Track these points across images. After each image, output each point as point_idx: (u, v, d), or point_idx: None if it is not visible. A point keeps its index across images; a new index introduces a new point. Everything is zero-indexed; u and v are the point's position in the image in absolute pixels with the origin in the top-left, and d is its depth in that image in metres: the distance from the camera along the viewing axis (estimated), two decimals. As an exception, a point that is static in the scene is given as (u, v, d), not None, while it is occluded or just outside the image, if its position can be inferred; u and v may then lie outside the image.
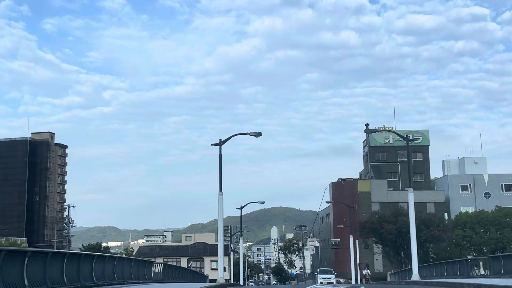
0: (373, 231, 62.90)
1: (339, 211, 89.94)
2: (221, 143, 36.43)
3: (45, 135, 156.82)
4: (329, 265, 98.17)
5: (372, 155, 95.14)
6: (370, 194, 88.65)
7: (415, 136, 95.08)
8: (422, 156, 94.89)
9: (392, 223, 60.90)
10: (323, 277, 57.64)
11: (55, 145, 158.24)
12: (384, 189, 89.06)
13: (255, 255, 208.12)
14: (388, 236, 60.54)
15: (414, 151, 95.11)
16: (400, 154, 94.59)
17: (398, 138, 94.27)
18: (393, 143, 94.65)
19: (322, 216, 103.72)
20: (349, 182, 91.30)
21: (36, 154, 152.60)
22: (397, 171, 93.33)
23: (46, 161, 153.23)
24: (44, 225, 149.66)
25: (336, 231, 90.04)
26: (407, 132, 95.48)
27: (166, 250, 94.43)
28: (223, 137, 36.84)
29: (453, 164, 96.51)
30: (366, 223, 64.64)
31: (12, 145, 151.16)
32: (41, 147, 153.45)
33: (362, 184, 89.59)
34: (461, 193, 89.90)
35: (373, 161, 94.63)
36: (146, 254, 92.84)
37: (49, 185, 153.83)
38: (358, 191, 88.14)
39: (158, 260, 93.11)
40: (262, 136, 36.89)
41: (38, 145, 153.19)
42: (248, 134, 37.26)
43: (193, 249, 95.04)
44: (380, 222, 61.83)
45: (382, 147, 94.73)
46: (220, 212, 35.56)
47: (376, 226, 61.99)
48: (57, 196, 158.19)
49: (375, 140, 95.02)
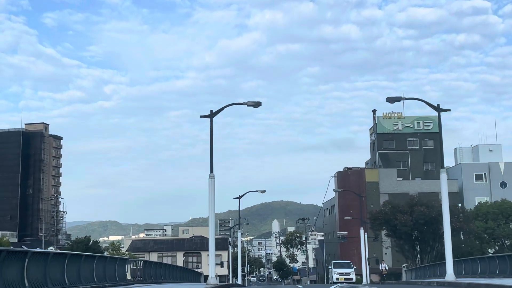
0: (386, 222, 55.87)
1: (345, 202, 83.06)
2: (212, 114, 29.56)
3: (39, 126, 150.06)
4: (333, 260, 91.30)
5: (380, 143, 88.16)
6: (378, 184, 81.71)
7: (426, 122, 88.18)
8: (434, 144, 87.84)
9: (408, 213, 53.92)
10: (340, 271, 44.27)
11: (49, 136, 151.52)
12: (393, 179, 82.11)
13: (255, 249, 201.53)
14: (403, 228, 53.51)
15: (425, 138, 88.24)
16: (410, 142, 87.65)
17: (408, 125, 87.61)
18: (402, 129, 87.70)
19: (326, 208, 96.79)
20: (355, 171, 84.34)
21: (30, 145, 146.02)
22: (407, 160, 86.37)
23: (40, 152, 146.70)
24: (38, 218, 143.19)
25: (341, 223, 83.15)
26: (417, 118, 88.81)
27: (160, 244, 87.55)
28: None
29: (466, 152, 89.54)
30: (378, 214, 57.63)
31: (5, 136, 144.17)
32: (34, 138, 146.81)
33: (369, 173, 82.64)
34: (476, 182, 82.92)
35: (381, 149, 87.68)
36: (139, 248, 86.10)
37: (43, 177, 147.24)
38: (366, 180, 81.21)
39: (152, 255, 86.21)
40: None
41: (31, 137, 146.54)
42: (245, 104, 30.36)
43: (190, 243, 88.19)
44: (393, 213, 54.83)
45: (391, 134, 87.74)
46: (211, 197, 28.71)
47: (390, 217, 54.98)
48: (51, 189, 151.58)
49: (382, 126, 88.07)
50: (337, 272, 44.04)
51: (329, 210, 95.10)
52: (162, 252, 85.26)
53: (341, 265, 46.05)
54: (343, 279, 43.05)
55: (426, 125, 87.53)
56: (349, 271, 44.24)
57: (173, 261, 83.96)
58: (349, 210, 79.59)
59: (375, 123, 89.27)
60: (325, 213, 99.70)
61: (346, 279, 43.17)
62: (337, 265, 46.21)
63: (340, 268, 45.00)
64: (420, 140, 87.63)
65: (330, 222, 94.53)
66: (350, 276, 43.60)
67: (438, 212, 54.03)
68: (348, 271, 44.22)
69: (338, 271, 44.23)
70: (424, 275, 45.18)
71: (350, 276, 43.65)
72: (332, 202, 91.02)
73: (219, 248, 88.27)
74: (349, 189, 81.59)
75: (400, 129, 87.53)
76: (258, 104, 30.31)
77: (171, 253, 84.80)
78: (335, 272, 44.19)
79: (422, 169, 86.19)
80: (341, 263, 47.10)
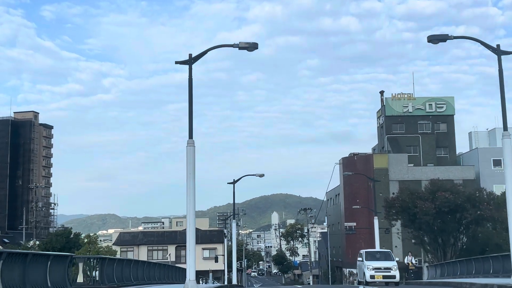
0: (404, 211, 47.60)
1: (351, 191, 74.92)
2: (191, 59, 21.42)
3: (28, 115, 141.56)
4: (338, 254, 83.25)
5: (388, 127, 79.86)
6: (387, 171, 73.43)
7: (438, 104, 79.91)
8: (447, 127, 79.67)
9: (429, 200, 45.68)
10: (376, 266, 29.72)
11: (39, 125, 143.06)
12: (404, 165, 73.84)
13: (254, 242, 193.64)
14: (424, 217, 45.19)
15: (438, 121, 79.94)
16: (421, 125, 79.33)
17: (419, 106, 79.38)
18: (412, 112, 79.37)
19: (330, 197, 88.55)
20: (362, 157, 76.01)
21: (19, 134, 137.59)
22: (418, 144, 78.06)
23: (29, 142, 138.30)
24: (28, 210, 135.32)
25: (347, 214, 75.09)
26: (429, 100, 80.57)
27: (150, 237, 79.33)
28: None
29: (482, 136, 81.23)
30: (394, 201, 49.37)
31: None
32: (24, 127, 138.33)
33: (378, 159, 74.32)
34: (494, 168, 74.54)
35: (390, 134, 79.40)
36: (127, 242, 77.98)
37: (33, 168, 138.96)
38: (374, 167, 72.90)
39: (141, 248, 77.93)
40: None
41: (20, 125, 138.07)
42: (236, 46, 22.14)
43: (182, 236, 79.61)
44: (413, 199, 46.59)
45: (400, 117, 79.41)
46: (189, 168, 20.59)
47: (408, 205, 46.75)
48: (42, 180, 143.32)
49: (391, 109, 79.75)
50: (372, 267, 29.36)
51: (334, 200, 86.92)
52: (153, 246, 77.19)
53: (377, 256, 31.09)
54: (381, 277, 29.14)
55: (438, 106, 79.26)
56: (389, 264, 29.59)
57: (164, 255, 76.02)
58: (356, 199, 71.53)
59: (382, 105, 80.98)
60: (328, 203, 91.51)
61: (386, 277, 29.23)
62: (370, 256, 31.03)
63: (376, 261, 30.15)
64: (432, 123, 79.35)
65: (334, 213, 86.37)
66: (392, 273, 29.19)
67: (464, 198, 45.96)
68: (388, 264, 29.61)
69: (373, 264, 29.57)
70: (453, 272, 36.98)
71: (391, 273, 29.19)
72: (337, 190, 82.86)
73: (214, 241, 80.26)
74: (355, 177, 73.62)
75: (410, 111, 79.24)
76: (253, 47, 22.16)
77: (162, 246, 76.74)
78: (369, 266, 29.43)
79: (435, 155, 77.93)
80: (377, 254, 32.03)
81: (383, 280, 29.22)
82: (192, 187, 20.74)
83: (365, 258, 30.61)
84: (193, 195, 20.79)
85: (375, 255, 31.65)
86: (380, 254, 31.78)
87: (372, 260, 30.30)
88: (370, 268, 29.39)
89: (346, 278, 77.69)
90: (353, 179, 74.26)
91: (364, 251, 32.15)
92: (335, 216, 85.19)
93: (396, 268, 29.49)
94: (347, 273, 77.78)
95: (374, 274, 29.20)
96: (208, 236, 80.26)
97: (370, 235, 71.26)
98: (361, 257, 31.18)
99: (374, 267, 29.39)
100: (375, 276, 29.21)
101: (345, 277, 78.82)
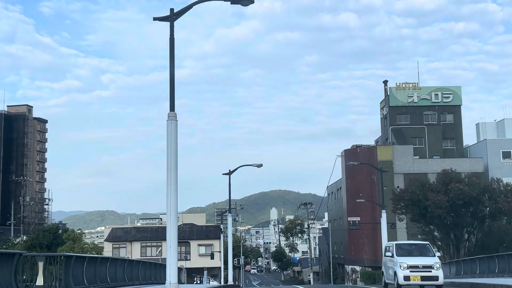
0: (414, 204, 43.60)
1: (354, 184, 71.06)
2: (172, 15, 17.50)
3: (22, 108, 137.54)
4: (340, 250, 79.30)
5: (393, 118, 75.86)
6: (392, 163, 69.45)
7: (445, 93, 75.97)
8: (453, 118, 75.72)
9: (442, 192, 41.72)
10: (413, 263, 21.80)
11: (33, 119, 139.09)
12: (409, 157, 69.88)
13: (253, 238, 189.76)
14: (436, 210, 41.18)
15: (444, 112, 75.99)
16: (427, 116, 75.37)
17: (424, 96, 75.45)
18: (418, 102, 75.39)
19: (332, 191, 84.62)
20: (365, 149, 72.10)
21: (13, 129, 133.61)
22: (424, 136, 74.10)
23: (23, 136, 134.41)
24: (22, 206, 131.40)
25: (350, 208, 71.21)
26: (435, 89, 76.64)
27: (144, 232, 75.38)
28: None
29: (490, 127, 77.24)
30: (404, 193, 45.38)
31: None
32: (17, 121, 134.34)
33: (382, 151, 70.34)
34: (503, 161, 70.66)
35: (394, 125, 75.46)
36: (119, 238, 74.00)
37: (26, 163, 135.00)
38: (378, 159, 68.93)
39: (134, 245, 73.98)
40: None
41: (14, 119, 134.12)
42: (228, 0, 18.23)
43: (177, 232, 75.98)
44: (423, 191, 42.62)
45: (405, 108, 75.42)
46: (171, 146, 16.81)
47: (419, 198, 42.78)
48: (36, 175, 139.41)
49: (396, 99, 75.77)
50: (407, 265, 21.55)
51: (335, 194, 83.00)
52: (146, 242, 73.22)
53: (412, 251, 23.32)
54: (419, 278, 21.44)
55: (445, 96, 75.31)
56: (430, 262, 21.88)
57: (158, 252, 72.08)
58: (359, 193, 67.64)
59: (386, 95, 76.99)
60: (329, 197, 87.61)
61: (425, 279, 21.50)
62: (403, 250, 23.11)
63: (411, 257, 22.42)
64: (438, 114, 75.42)
65: (336, 208, 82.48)
66: (434, 274, 21.53)
67: (480, 190, 42.05)
68: (428, 261, 21.88)
69: (408, 262, 21.74)
70: (471, 271, 33.13)
71: (433, 273, 21.53)
72: (339, 184, 78.96)
73: (211, 237, 76.30)
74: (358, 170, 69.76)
75: (415, 101, 75.25)
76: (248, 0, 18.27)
77: (156, 243, 72.79)
78: (402, 265, 21.61)
79: (441, 147, 73.98)
80: (412, 247, 23.91)
81: (421, 282, 21.52)
82: (174, 167, 16.84)
83: (396, 253, 22.55)
84: (175, 177, 16.86)
85: (409, 249, 23.51)
86: (415, 248, 23.64)
87: (406, 256, 22.34)
88: (404, 267, 21.39)
89: (349, 276, 73.81)
90: (356, 172, 70.41)
91: (394, 243, 24.00)
92: (337, 211, 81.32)
93: (439, 267, 21.72)
94: (349, 270, 73.90)
95: (410, 274, 21.30)
96: (204, 231, 76.39)
97: (374, 231, 67.34)
98: (389, 251, 23.17)
99: (410, 265, 21.45)
100: (411, 278, 21.33)
101: (347, 275, 74.93)
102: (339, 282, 74.58)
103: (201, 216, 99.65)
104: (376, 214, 67.74)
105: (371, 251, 68.08)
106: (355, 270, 71.41)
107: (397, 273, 21.56)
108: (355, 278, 70.85)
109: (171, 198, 16.38)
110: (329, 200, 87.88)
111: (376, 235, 66.31)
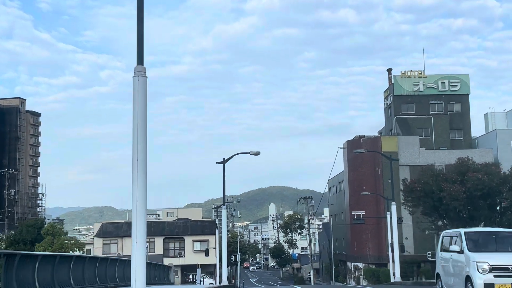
0: (426, 195, 39.41)
1: (357, 177, 66.97)
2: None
3: (14, 101, 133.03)
4: (342, 246, 75.14)
5: (397, 107, 71.71)
6: (397, 155, 65.11)
7: (452, 82, 71.84)
8: (461, 108, 71.59)
9: (457, 182, 37.55)
10: (498, 264, 13.55)
11: (26, 112, 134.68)
12: (415, 148, 65.74)
13: (251, 234, 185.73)
14: (452, 202, 36.99)
15: (451, 101, 71.84)
16: (433, 105, 71.22)
17: (431, 85, 71.25)
18: (423, 91, 71.25)
19: (333, 185, 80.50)
20: (369, 139, 67.96)
21: (5, 122, 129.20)
22: (430, 126, 69.90)
23: (16, 130, 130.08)
24: (15, 201, 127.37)
25: (352, 202, 67.12)
26: (441, 78, 72.47)
27: (136, 228, 71.04)
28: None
29: (499, 118, 73.22)
30: (416, 184, 41.15)
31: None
32: (10, 114, 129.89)
33: (386, 142, 66.21)
34: (514, 152, 66.61)
35: (399, 114, 71.30)
36: (110, 233, 69.85)
37: (19, 157, 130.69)
38: (382, 150, 64.73)
39: (125, 240, 69.82)
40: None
41: (6, 112, 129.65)
42: None
43: (171, 227, 71.96)
44: (437, 182, 38.43)
45: (410, 97, 71.26)
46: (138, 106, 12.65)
47: (432, 188, 38.58)
48: (29, 170, 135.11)
49: (400, 87, 71.61)
50: (489, 266, 13.59)
51: (336, 188, 78.89)
52: (138, 237, 68.98)
53: (493, 243, 15.01)
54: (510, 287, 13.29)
55: (452, 85, 71.17)
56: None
57: (151, 248, 67.94)
58: (362, 186, 63.58)
59: (391, 84, 72.78)
60: (330, 191, 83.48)
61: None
62: (479, 243, 14.95)
63: (496, 253, 14.44)
64: (445, 104, 71.28)
65: (337, 202, 78.37)
66: None
67: (500, 180, 37.86)
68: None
69: (490, 260, 13.73)
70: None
71: None
72: (340, 177, 74.85)
73: (206, 232, 72.02)
74: (361, 162, 65.93)
75: (421, 90, 71.10)
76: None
77: (149, 238, 68.38)
78: (482, 265, 13.66)
79: (448, 137, 69.84)
80: (494, 238, 15.26)
81: None
82: (142, 137, 12.38)
83: (468, 247, 14.65)
84: (144, 149, 12.44)
85: (489, 240, 15.26)
86: (500, 238, 15.28)
87: (485, 252, 14.45)
88: (485, 269, 13.63)
89: (351, 273, 69.70)
90: (359, 164, 66.42)
91: (463, 231, 15.59)
92: (338, 206, 77.20)
93: None
94: (352, 268, 69.79)
95: (494, 281, 13.53)
96: (199, 227, 72.22)
97: (378, 226, 63.24)
98: (456, 243, 15.24)
99: (494, 266, 13.67)
100: (496, 286, 13.51)
101: (349, 272, 70.82)
102: (341, 280, 70.54)
103: (197, 211, 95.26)
104: (380, 208, 63.66)
105: (375, 247, 64.02)
106: (358, 267, 67.32)
107: (473, 278, 13.81)
108: (358, 275, 66.79)
109: (137, 176, 12.03)
110: (330, 194, 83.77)
111: (380, 230, 62.25)
